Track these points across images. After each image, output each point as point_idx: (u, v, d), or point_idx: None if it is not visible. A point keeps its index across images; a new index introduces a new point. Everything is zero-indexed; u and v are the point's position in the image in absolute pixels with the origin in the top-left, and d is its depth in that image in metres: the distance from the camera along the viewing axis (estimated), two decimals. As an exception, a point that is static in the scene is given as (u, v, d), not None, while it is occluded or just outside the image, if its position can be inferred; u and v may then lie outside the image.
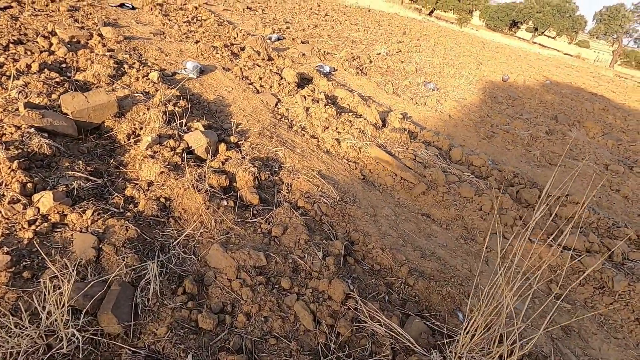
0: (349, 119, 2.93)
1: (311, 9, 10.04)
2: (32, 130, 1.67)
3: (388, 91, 4.28)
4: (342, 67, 4.69)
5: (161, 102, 2.23)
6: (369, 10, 16.21)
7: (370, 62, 5.68)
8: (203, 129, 2.14)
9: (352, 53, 5.78)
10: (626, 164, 4.11)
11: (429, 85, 4.97)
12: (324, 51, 5.22)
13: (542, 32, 51.69)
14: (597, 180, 3.31)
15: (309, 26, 7.19)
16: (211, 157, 1.99)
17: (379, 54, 6.50)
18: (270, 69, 3.71)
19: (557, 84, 10.30)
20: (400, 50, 7.92)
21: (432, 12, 33.89)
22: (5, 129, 1.63)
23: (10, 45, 2.72)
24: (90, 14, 3.95)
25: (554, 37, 51.79)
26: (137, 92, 2.41)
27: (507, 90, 6.67)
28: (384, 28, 10.95)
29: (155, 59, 3.28)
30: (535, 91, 7.49)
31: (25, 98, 1.97)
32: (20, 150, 1.53)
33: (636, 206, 2.96)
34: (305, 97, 3.12)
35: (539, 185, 2.82)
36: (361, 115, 3.32)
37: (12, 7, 3.46)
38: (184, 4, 5.66)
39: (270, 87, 3.36)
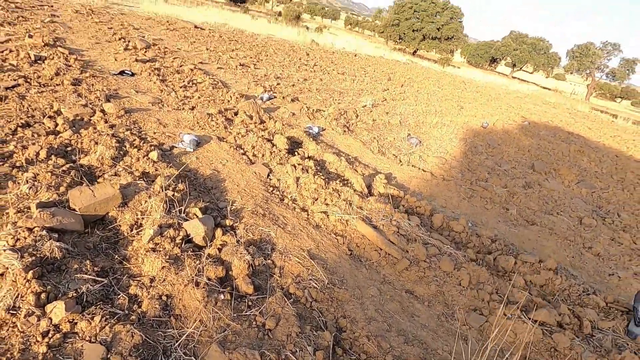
0: (336, 189, 3.13)
1: (300, 59, 10.63)
2: (44, 232, 1.81)
3: (374, 150, 4.55)
4: (330, 127, 4.98)
5: (161, 188, 2.41)
6: (355, 56, 17.09)
7: (357, 116, 6.03)
8: (200, 215, 2.31)
9: (339, 108, 6.14)
10: (599, 215, 4.37)
11: (412, 140, 5.28)
12: (313, 109, 5.55)
13: (520, 68, 54.68)
14: (571, 237, 3.53)
15: (298, 80, 7.63)
16: (209, 244, 2.15)
17: (365, 106, 6.89)
18: (262, 136, 3.96)
19: (535, 125, 10.86)
20: (386, 99, 8.38)
21: (415, 52, 35.80)
22: (20, 233, 1.77)
23: (19, 129, 2.92)
24: (93, 85, 4.21)
25: (531, 72, 54.68)
26: (138, 176, 2.59)
27: (487, 137, 7.06)
28: (369, 75, 11.56)
29: (154, 132, 3.50)
30: (513, 136, 7.92)
31: (35, 193, 2.13)
32: (33, 257, 1.66)
33: (607, 264, 3.16)
34: (295, 167, 3.34)
35: (516, 247, 3.01)
36: (348, 180, 3.54)
37: (19, 84, 3.70)
38: (180, 66, 6.02)
39: (263, 155, 3.59)
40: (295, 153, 3.89)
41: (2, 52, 4.41)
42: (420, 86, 12.37)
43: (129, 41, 6.78)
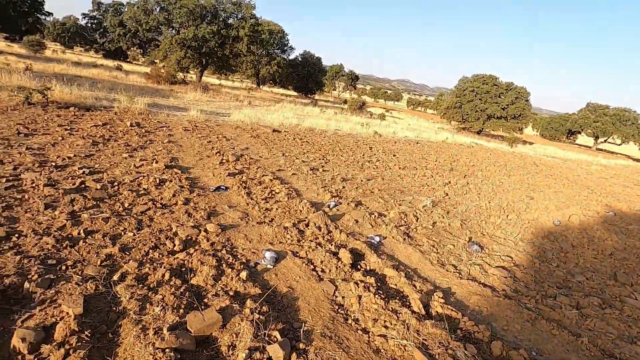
0: (395, 309, 3.46)
1: (364, 156, 11.63)
2: (172, 354, 2.47)
3: (433, 261, 4.81)
4: (390, 234, 5.42)
5: (251, 311, 3.02)
6: (417, 143, 17.88)
7: (417, 219, 6.40)
8: (280, 338, 2.82)
9: (400, 211, 6.60)
10: (700, 344, 3.88)
11: (473, 247, 5.42)
12: (375, 215, 6.09)
13: (605, 140, 50.40)
14: (658, 374, 3.24)
15: (362, 181, 8.40)
16: (285, 367, 2.61)
17: (425, 206, 7.25)
18: (329, 249, 4.54)
19: (622, 216, 9.99)
20: (447, 195, 8.65)
21: (480, 131, 35.83)
22: (157, 354, 2.45)
23: (150, 251, 3.90)
24: (198, 204, 5.33)
25: (619, 144, 50.02)
26: (232, 296, 3.26)
27: (559, 238, 6.78)
28: (431, 166, 12.02)
29: (243, 249, 4.29)
30: (592, 234, 7.44)
31: (164, 315, 2.88)
32: (167, 378, 2.29)
33: None
34: (357, 284, 3.78)
35: (586, 386, 2.91)
36: (407, 297, 3.84)
37: (150, 208, 4.90)
38: (262, 177, 7.19)
39: (330, 270, 4.11)
40: (359, 266, 4.36)
41: (138, 178, 5.89)
42: (485, 175, 12.39)
43: (223, 154, 8.37)
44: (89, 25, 53.24)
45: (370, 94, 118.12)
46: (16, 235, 3.57)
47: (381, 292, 3.74)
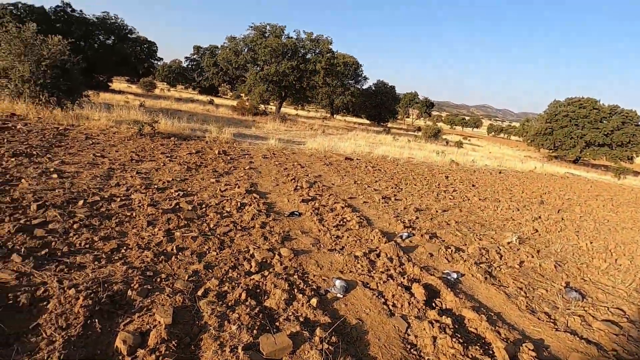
0: (476, 356, 3.13)
1: (439, 185, 11.10)
2: (245, 374, 2.56)
3: (520, 306, 4.29)
4: (469, 272, 5.01)
5: (320, 340, 3.01)
6: (500, 172, 16.53)
7: (500, 257, 5.82)
8: (348, 372, 2.75)
9: (480, 246, 6.09)
10: None
11: (571, 294, 4.70)
12: (452, 249, 5.71)
13: None
14: None
15: (437, 212, 7.99)
16: (353, 405, 2.52)
17: (510, 242, 6.58)
18: (401, 282, 4.36)
19: None
20: (537, 231, 7.77)
21: (577, 160, 31.69)
22: (232, 372, 2.57)
23: (229, 270, 4.18)
24: (273, 228, 5.60)
25: None
26: (302, 322, 3.30)
27: (691, 292, 5.53)
28: (516, 198, 10.97)
29: (314, 275, 4.35)
30: None
31: (240, 333, 3.03)
32: (239, 396, 2.38)
33: None
34: (432, 324, 3.53)
35: None
36: (490, 345, 3.46)
37: (231, 230, 5.30)
38: (334, 204, 7.30)
39: (402, 305, 3.93)
40: (433, 304, 4.08)
41: (223, 201, 6.44)
42: (584, 210, 10.85)
43: (297, 181, 8.74)
44: (189, 66, 61.72)
45: (446, 121, 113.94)
46: (124, 248, 4.14)
47: (459, 336, 3.43)
